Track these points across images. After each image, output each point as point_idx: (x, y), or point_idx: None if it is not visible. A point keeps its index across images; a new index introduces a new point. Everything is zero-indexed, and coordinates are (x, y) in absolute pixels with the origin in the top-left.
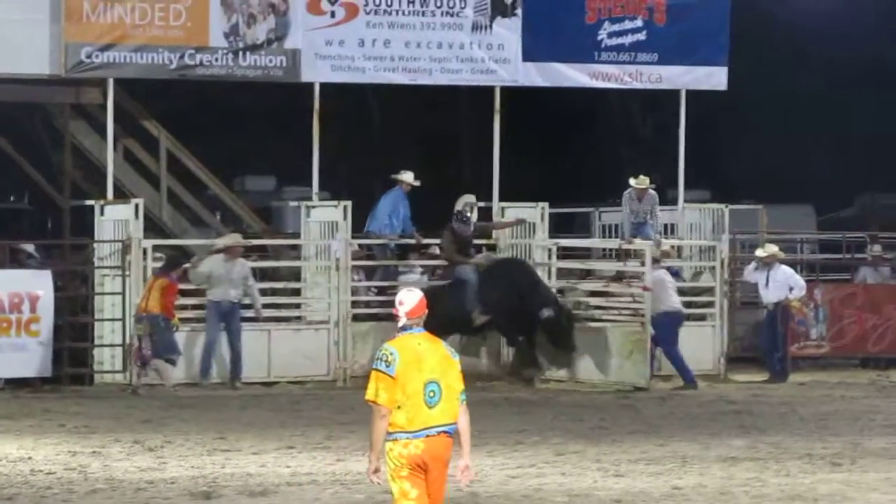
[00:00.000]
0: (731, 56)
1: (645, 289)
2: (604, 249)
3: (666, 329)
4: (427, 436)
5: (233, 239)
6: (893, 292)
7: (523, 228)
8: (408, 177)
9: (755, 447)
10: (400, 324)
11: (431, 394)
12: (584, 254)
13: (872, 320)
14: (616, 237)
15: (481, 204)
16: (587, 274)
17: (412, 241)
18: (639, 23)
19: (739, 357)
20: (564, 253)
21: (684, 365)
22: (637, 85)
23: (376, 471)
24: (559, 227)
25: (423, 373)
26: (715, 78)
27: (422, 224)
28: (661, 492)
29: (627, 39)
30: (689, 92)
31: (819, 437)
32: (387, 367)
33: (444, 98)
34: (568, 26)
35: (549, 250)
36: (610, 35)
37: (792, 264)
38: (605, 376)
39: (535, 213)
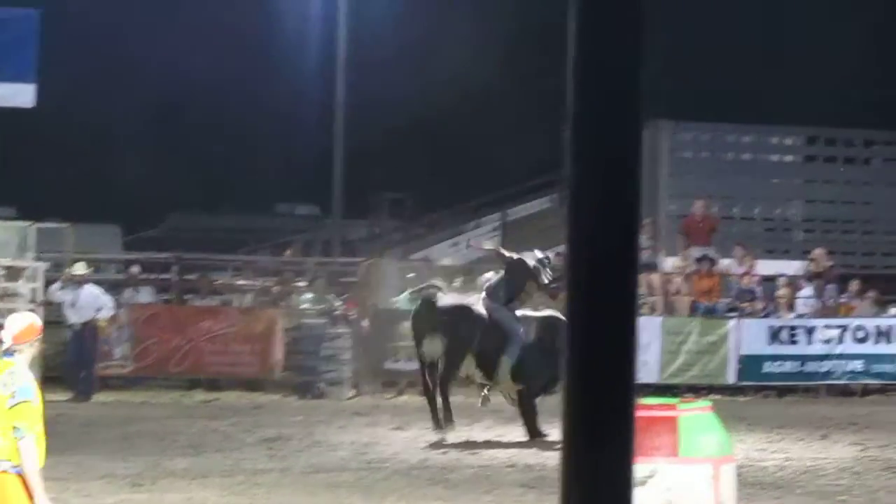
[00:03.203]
0: (47, 74)
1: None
2: None
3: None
4: None
5: None
6: (197, 313)
7: None
8: None
9: (56, 467)
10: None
11: None
12: None
13: (175, 340)
14: None
15: None
16: None
17: None
18: None
19: (45, 376)
20: None
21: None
22: None
23: None
24: None
25: None
26: (21, 96)
27: None
28: None
29: None
30: None
31: (121, 456)
32: None
33: None
34: None
35: None
36: None
37: (98, 283)
38: None
39: None
